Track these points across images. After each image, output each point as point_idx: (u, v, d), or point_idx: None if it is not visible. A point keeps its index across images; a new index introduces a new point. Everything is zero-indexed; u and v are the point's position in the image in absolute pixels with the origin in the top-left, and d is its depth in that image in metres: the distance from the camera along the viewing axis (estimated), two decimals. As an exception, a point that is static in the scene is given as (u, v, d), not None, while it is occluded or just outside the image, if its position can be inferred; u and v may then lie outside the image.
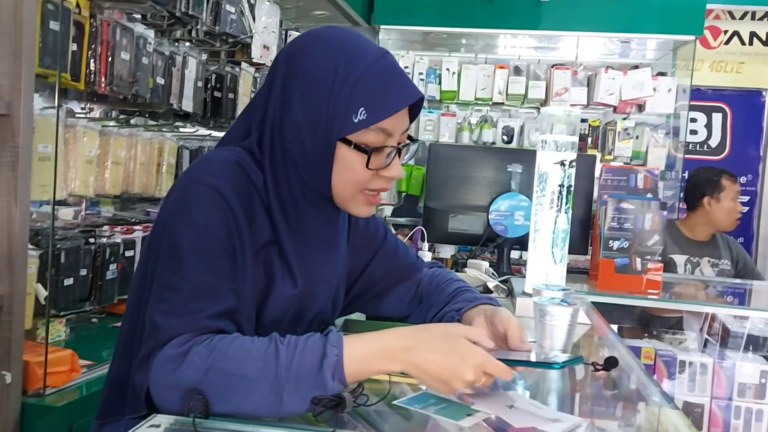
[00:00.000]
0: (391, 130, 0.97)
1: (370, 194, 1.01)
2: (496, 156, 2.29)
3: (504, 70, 3.83)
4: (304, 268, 1.02)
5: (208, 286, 0.88)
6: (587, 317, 1.66)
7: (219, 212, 0.92)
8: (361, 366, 0.86)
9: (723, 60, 4.59)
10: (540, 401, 1.01)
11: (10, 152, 1.47)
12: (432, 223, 2.26)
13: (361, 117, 0.94)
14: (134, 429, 0.76)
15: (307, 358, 0.84)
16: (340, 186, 0.99)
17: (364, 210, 1.03)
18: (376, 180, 1.00)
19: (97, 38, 1.86)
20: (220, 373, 0.82)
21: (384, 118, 0.95)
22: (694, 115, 4.42)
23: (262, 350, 0.84)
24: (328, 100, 0.94)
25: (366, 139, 0.96)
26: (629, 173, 2.41)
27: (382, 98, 0.94)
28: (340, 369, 0.84)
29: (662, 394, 1.11)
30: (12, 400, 1.50)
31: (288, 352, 0.84)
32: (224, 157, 0.98)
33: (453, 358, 0.86)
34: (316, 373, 0.83)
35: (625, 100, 3.73)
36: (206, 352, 0.83)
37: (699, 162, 4.53)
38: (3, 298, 1.49)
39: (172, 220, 0.94)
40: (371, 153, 0.96)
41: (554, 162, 1.62)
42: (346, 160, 0.97)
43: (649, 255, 2.12)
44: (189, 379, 0.82)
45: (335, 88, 0.94)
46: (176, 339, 0.85)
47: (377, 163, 0.97)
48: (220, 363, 0.83)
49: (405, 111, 0.99)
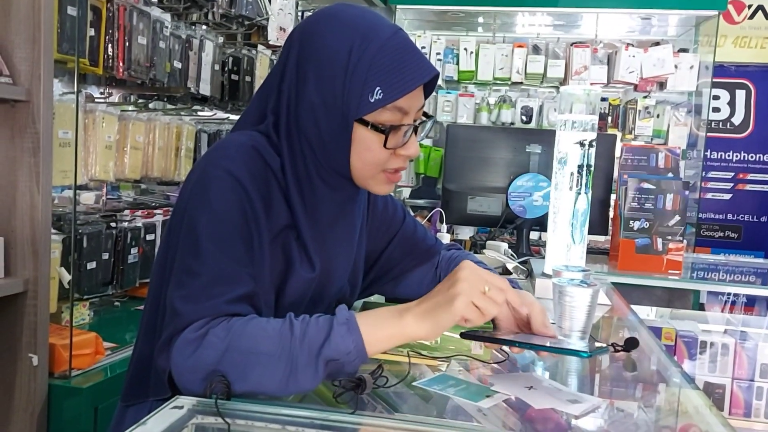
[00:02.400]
0: (407, 108, 0.96)
1: (391, 174, 1.01)
2: (514, 137, 2.27)
3: (522, 49, 3.78)
4: (321, 251, 1.03)
5: (226, 271, 0.89)
6: (607, 298, 1.65)
7: (236, 197, 0.93)
8: (371, 330, 0.86)
9: (747, 35, 4.49)
10: (559, 382, 1.01)
11: (31, 138, 1.49)
12: (450, 205, 2.25)
13: (377, 96, 0.93)
14: (157, 410, 0.78)
15: (318, 329, 0.85)
16: (359, 166, 0.99)
17: (384, 188, 1.03)
18: (394, 159, 0.99)
19: (114, 23, 1.86)
20: (238, 351, 0.83)
21: (400, 97, 0.94)
22: (716, 93, 4.34)
23: (278, 328, 0.85)
24: (343, 80, 0.94)
25: (382, 118, 0.95)
26: (650, 152, 2.38)
27: (397, 77, 0.94)
28: (354, 325, 0.85)
29: (683, 374, 1.11)
30: (39, 382, 1.54)
31: (301, 326, 0.86)
32: (240, 141, 0.98)
33: (446, 282, 0.89)
34: (328, 331, 0.84)
35: (645, 77, 3.67)
36: (224, 333, 0.84)
37: (721, 140, 4.46)
38: (28, 282, 1.52)
39: (191, 206, 0.94)
40: (389, 132, 0.95)
41: (574, 142, 1.60)
42: (364, 140, 0.96)
43: (671, 235, 2.10)
44: (208, 359, 0.83)
45: (350, 68, 0.93)
46: (195, 323, 0.86)
47: (394, 142, 0.97)
48: (237, 342, 0.84)
49: (420, 88, 0.98)
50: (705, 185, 4.30)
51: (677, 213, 2.10)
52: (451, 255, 1.30)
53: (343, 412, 0.82)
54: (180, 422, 0.76)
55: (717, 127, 4.48)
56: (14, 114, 1.49)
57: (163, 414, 0.77)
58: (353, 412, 0.82)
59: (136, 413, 0.95)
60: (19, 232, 1.51)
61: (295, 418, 0.79)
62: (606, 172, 2.24)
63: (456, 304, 0.86)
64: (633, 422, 0.94)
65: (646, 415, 0.98)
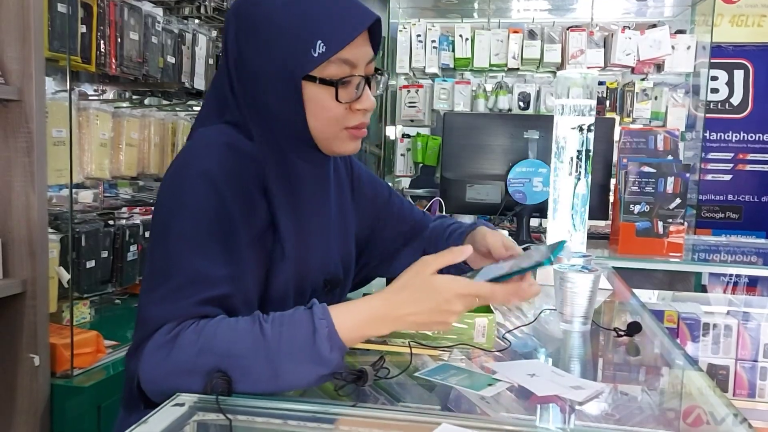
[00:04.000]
0: (354, 59, 0.94)
1: (353, 131, 0.99)
2: (512, 123, 2.25)
3: (518, 35, 3.76)
4: (299, 237, 1.00)
5: (197, 273, 0.86)
6: (609, 282, 1.65)
7: (210, 199, 0.90)
8: (351, 335, 0.85)
9: (744, 14, 4.46)
10: (562, 368, 1.01)
11: (25, 138, 1.48)
12: (449, 194, 2.24)
13: (320, 50, 0.91)
14: (158, 408, 0.77)
15: (297, 335, 0.83)
16: (317, 126, 0.96)
17: (350, 146, 1.00)
18: (352, 115, 0.97)
19: (105, 19, 1.85)
20: (212, 354, 0.81)
21: (343, 47, 0.92)
22: (714, 73, 4.31)
23: (248, 330, 0.83)
24: (282, 41, 0.92)
25: (330, 72, 0.93)
26: (649, 135, 2.37)
27: (337, 27, 0.92)
28: (336, 338, 0.83)
29: (686, 357, 1.10)
30: (41, 382, 1.54)
31: (273, 329, 0.83)
32: (210, 139, 0.96)
33: (435, 302, 0.85)
34: (311, 347, 0.82)
35: (643, 60, 3.65)
36: (195, 336, 0.82)
37: (720, 121, 4.44)
38: (26, 282, 1.51)
39: (164, 209, 0.92)
40: (338, 85, 0.93)
41: (572, 127, 1.59)
42: (316, 98, 0.94)
43: (671, 218, 2.09)
44: (181, 363, 0.82)
45: (286, 27, 0.92)
46: (165, 327, 0.84)
47: (347, 96, 0.95)
48: (210, 344, 0.82)
49: (365, 40, 0.96)
50: (705, 166, 4.28)
51: (678, 195, 2.09)
52: (434, 226, 1.29)
53: (344, 405, 0.82)
54: (181, 420, 0.76)
55: (716, 108, 4.46)
56: (6, 114, 1.48)
57: (164, 412, 0.77)
58: (355, 404, 0.82)
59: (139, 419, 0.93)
60: (15, 232, 1.50)
61: (296, 413, 0.78)
62: (605, 156, 2.23)
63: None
64: (637, 406, 0.94)
65: (650, 398, 0.98)
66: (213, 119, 1.01)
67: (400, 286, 0.87)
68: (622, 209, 2.12)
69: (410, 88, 3.95)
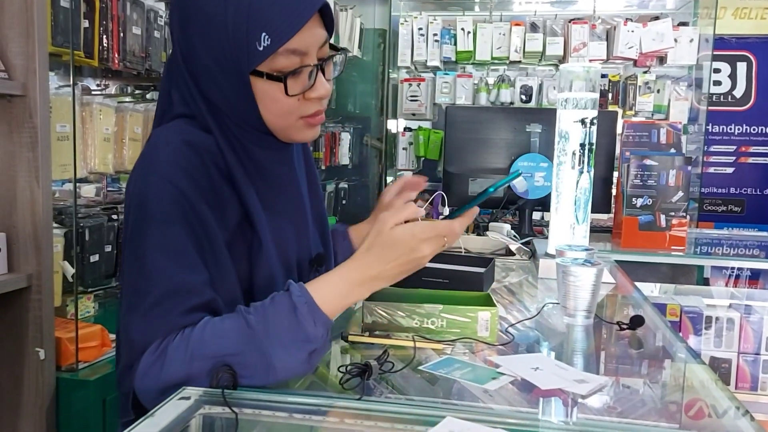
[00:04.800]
0: (303, 48, 0.90)
1: (309, 119, 0.95)
2: (514, 117, 2.25)
3: (520, 28, 3.75)
4: (275, 228, 0.99)
5: (176, 283, 0.85)
6: (611, 276, 1.65)
7: (177, 205, 0.88)
8: (332, 306, 0.87)
9: (747, 6, 4.44)
10: (565, 362, 1.01)
11: (29, 133, 1.48)
12: (452, 188, 2.25)
13: (265, 43, 0.87)
14: (164, 402, 0.78)
15: (280, 318, 0.83)
16: (271, 119, 0.94)
17: (308, 134, 0.98)
18: (306, 104, 0.94)
19: (107, 14, 1.85)
20: (204, 359, 0.82)
21: (290, 38, 0.88)
22: (717, 66, 4.29)
23: (234, 326, 0.84)
24: (226, 35, 0.88)
25: (278, 65, 0.89)
26: (651, 128, 2.37)
27: (282, 17, 0.87)
28: (318, 312, 0.85)
29: (688, 350, 1.11)
30: (47, 376, 1.55)
31: (257, 318, 0.84)
32: (168, 140, 0.92)
33: (402, 253, 0.90)
34: (296, 327, 0.83)
35: (645, 52, 3.64)
36: (183, 345, 0.82)
37: (723, 114, 4.43)
38: (31, 277, 1.52)
39: (132, 221, 0.90)
40: (286, 79, 0.90)
41: (575, 120, 1.59)
42: (266, 93, 0.91)
43: (674, 211, 2.09)
44: (176, 375, 0.82)
45: (230, 20, 0.87)
46: (152, 345, 0.83)
47: (299, 87, 0.92)
48: (201, 350, 0.82)
49: (316, 23, 0.91)
50: (707, 159, 4.28)
51: (680, 189, 2.09)
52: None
53: (349, 398, 0.82)
54: (187, 413, 0.76)
55: (718, 101, 4.45)
56: (11, 109, 1.48)
57: (171, 405, 0.77)
58: (360, 397, 0.82)
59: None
60: (20, 227, 1.51)
61: (302, 406, 0.79)
62: (608, 150, 2.23)
63: (424, 263, 0.93)
64: (639, 399, 0.95)
65: (652, 391, 0.98)
66: (168, 114, 0.98)
67: (366, 248, 0.90)
68: (624, 203, 2.12)
69: (412, 82, 3.95)
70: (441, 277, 1.41)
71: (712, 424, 0.86)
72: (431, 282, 1.40)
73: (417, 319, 1.09)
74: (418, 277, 1.42)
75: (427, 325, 1.08)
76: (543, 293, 1.51)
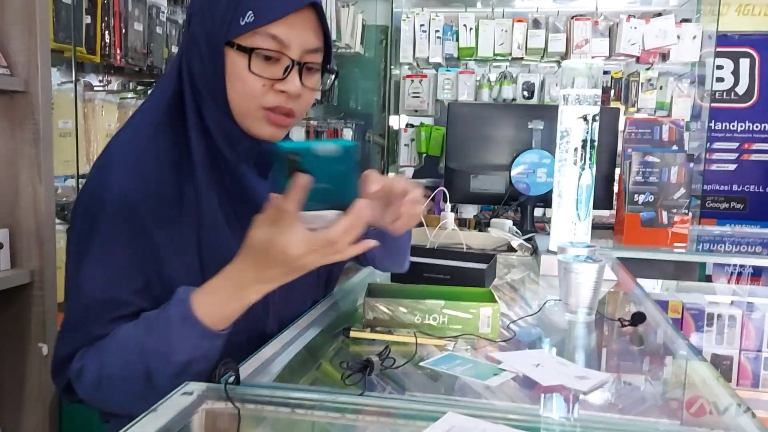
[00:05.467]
0: (285, 39, 0.91)
1: (270, 113, 0.94)
2: (516, 113, 2.25)
3: (522, 24, 3.74)
4: (231, 236, 0.96)
5: (105, 294, 0.88)
6: (613, 273, 1.65)
7: (120, 214, 0.89)
8: (214, 316, 0.85)
9: (750, 3, 4.43)
10: (567, 359, 1.01)
11: (31, 129, 1.48)
12: (453, 184, 2.25)
13: (248, 19, 0.90)
14: (166, 398, 0.78)
15: (160, 329, 0.85)
16: (235, 99, 0.93)
17: (266, 130, 0.95)
18: (271, 94, 0.93)
19: (109, 10, 1.85)
20: (111, 367, 0.87)
21: (272, 21, 0.90)
22: (720, 62, 4.28)
23: (125, 336, 0.87)
24: (218, 6, 0.92)
25: (256, 44, 0.91)
26: (654, 125, 2.36)
27: (271, 1, 0.90)
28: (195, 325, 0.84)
29: (690, 347, 1.11)
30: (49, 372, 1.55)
31: (139, 330, 0.86)
32: (121, 144, 0.95)
33: (285, 264, 0.81)
34: (172, 340, 0.84)
35: (648, 49, 3.63)
36: (97, 355, 0.88)
37: (726, 111, 4.42)
38: (34, 273, 1.52)
39: (74, 228, 0.92)
40: (251, 53, 0.90)
41: (577, 117, 1.59)
42: (235, 67, 0.92)
43: (676, 208, 2.09)
44: (90, 392, 0.89)
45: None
46: (76, 355, 0.89)
47: (268, 72, 0.92)
48: (107, 359, 0.87)
49: (306, 24, 0.93)
50: (709, 156, 4.27)
51: (682, 186, 2.09)
52: None
53: (352, 393, 0.82)
54: (190, 408, 0.77)
55: (721, 98, 4.44)
56: (13, 105, 1.49)
57: (173, 401, 0.77)
58: (362, 393, 0.83)
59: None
60: (23, 223, 1.51)
61: (304, 401, 0.79)
62: (610, 146, 2.23)
63: (313, 267, 0.82)
64: (641, 395, 0.95)
65: (653, 388, 0.98)
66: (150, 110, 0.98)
67: (245, 255, 0.83)
68: (626, 199, 2.12)
69: (414, 78, 3.95)
70: (442, 273, 1.42)
71: (714, 421, 0.86)
72: (433, 278, 1.40)
73: (419, 315, 1.09)
74: (420, 273, 1.43)
75: (429, 321, 1.09)
76: (545, 290, 1.51)
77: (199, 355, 0.85)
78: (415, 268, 1.45)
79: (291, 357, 0.98)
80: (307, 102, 0.98)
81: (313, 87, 0.98)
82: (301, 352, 1.01)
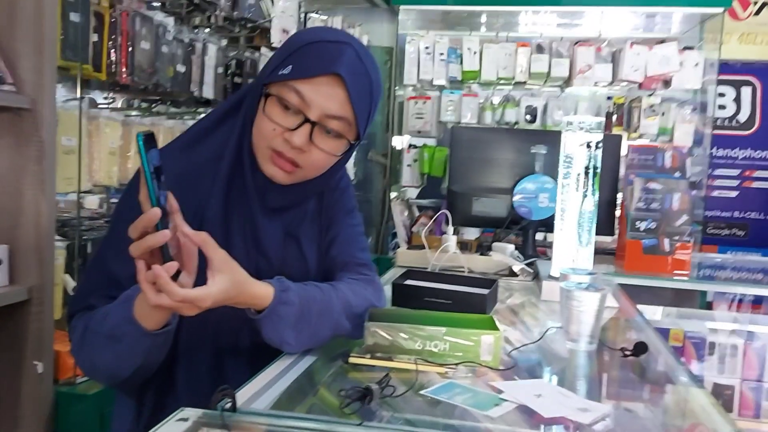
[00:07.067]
0: (308, 97, 0.98)
1: (275, 155, 1.01)
2: (519, 137, 2.25)
3: (526, 48, 3.76)
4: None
5: (110, 272, 0.99)
6: (614, 299, 1.64)
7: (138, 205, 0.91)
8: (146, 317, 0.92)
9: (752, 32, 4.46)
10: (568, 388, 1.00)
11: (36, 146, 1.49)
12: (456, 206, 2.24)
13: (285, 71, 0.99)
14: (162, 423, 0.77)
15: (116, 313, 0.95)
16: (254, 133, 1.03)
17: (269, 168, 1.02)
18: (278, 139, 1.00)
19: (117, 28, 1.86)
20: (94, 334, 0.97)
21: (299, 78, 0.97)
22: (722, 90, 4.30)
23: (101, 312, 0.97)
24: (275, 57, 1.04)
25: (281, 93, 0.99)
26: (656, 152, 2.37)
27: (307, 61, 0.98)
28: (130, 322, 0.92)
29: (690, 375, 1.10)
30: (45, 389, 1.54)
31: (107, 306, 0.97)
32: (178, 137, 1.11)
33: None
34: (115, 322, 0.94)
35: (650, 75, 3.65)
36: (82, 323, 0.99)
37: (727, 138, 4.43)
38: (32, 289, 1.51)
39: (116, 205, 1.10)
40: (268, 97, 0.99)
41: (580, 144, 1.59)
42: (262, 107, 1.01)
43: (678, 235, 2.09)
44: (76, 351, 1.00)
45: (285, 47, 1.03)
46: (76, 314, 1.01)
47: (282, 120, 0.99)
48: (93, 325, 0.97)
49: (332, 92, 0.98)
50: (711, 183, 4.27)
51: (684, 213, 2.08)
52: (348, 282, 1.17)
53: (350, 423, 0.81)
54: (186, 434, 0.76)
55: (723, 125, 4.45)
56: (20, 123, 1.49)
57: (169, 426, 0.76)
58: (361, 423, 0.82)
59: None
60: (23, 239, 1.51)
61: (301, 430, 0.78)
62: (612, 172, 2.23)
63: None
64: (642, 426, 0.94)
65: (654, 418, 0.97)
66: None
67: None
68: (628, 226, 2.12)
69: (418, 100, 3.96)
70: (444, 298, 1.41)
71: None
72: (434, 302, 1.39)
73: (420, 342, 1.08)
74: (421, 296, 1.42)
75: (430, 347, 1.08)
76: (546, 315, 1.50)
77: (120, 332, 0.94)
78: (416, 291, 1.44)
79: (289, 383, 0.97)
80: (318, 162, 1.03)
81: (327, 150, 1.02)
82: (299, 378, 1.00)
